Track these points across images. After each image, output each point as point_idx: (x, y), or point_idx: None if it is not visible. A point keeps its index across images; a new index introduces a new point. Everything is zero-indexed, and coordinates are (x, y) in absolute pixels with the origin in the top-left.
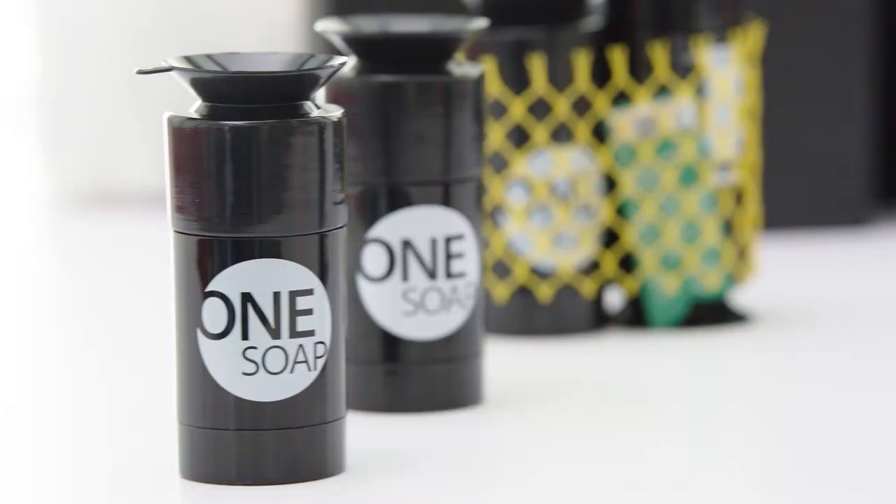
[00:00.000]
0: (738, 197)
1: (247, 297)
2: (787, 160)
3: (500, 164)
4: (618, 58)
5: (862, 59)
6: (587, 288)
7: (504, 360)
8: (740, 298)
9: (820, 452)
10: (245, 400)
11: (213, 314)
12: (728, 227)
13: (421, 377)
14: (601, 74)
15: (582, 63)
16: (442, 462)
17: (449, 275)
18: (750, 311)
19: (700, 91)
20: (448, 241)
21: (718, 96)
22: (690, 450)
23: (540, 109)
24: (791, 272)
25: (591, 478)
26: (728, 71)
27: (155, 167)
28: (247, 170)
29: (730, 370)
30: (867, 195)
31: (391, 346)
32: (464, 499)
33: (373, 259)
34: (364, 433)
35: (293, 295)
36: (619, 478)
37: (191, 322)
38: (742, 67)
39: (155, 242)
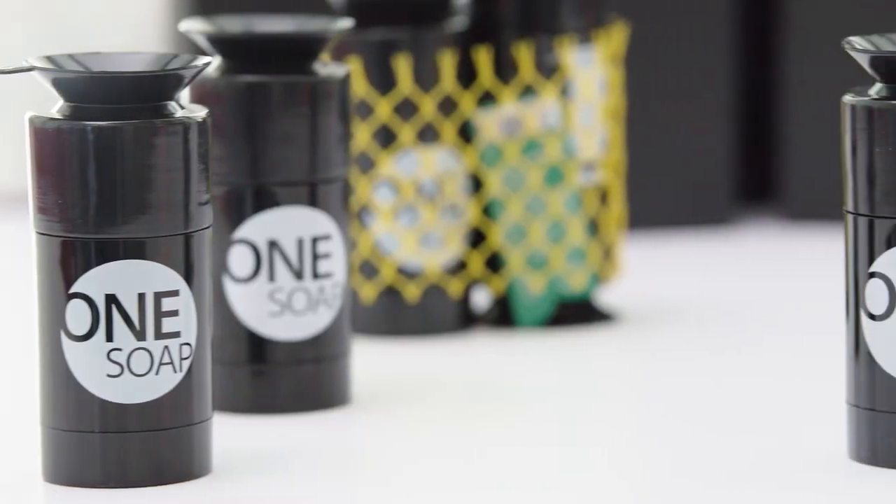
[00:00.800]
0: (603, 197)
1: (111, 299)
2: (651, 160)
3: (367, 165)
4: (483, 58)
5: (724, 59)
6: (454, 288)
7: (371, 360)
8: (606, 298)
9: (687, 448)
10: (109, 402)
11: (77, 316)
12: (593, 227)
13: (288, 378)
14: (467, 75)
15: (448, 63)
16: (309, 463)
17: (316, 275)
18: (615, 311)
19: (565, 91)
20: (315, 241)
21: (583, 97)
22: (558, 449)
23: (406, 110)
24: (655, 272)
25: (459, 477)
26: (592, 71)
27: (17, 168)
28: (110, 170)
29: (596, 369)
30: (730, 195)
31: (258, 346)
32: (331, 499)
33: (239, 260)
34: (231, 434)
35: (158, 296)
36: (486, 477)
37: (54, 324)
38: (606, 68)
39: (16, 244)
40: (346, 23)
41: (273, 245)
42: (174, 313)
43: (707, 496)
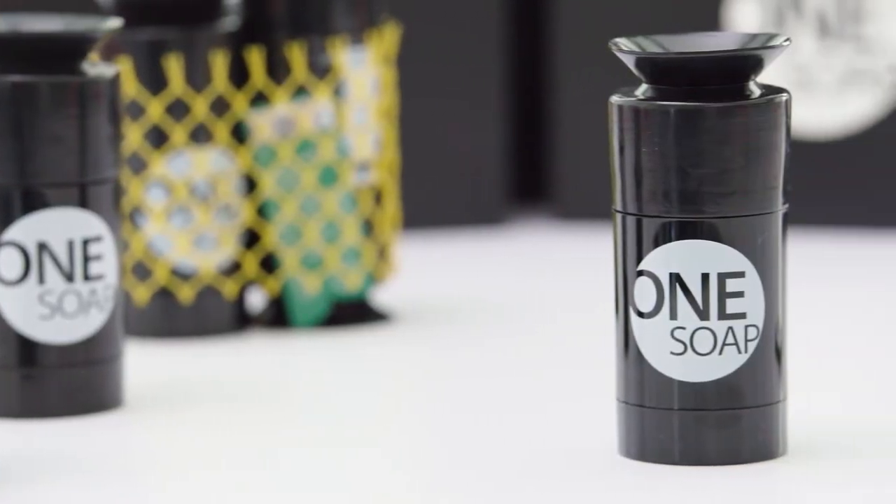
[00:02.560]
0: (378, 197)
1: None
2: (425, 160)
3: (139, 165)
4: (255, 59)
5: (496, 60)
6: (229, 289)
7: (145, 363)
8: (381, 297)
9: (462, 446)
10: None
11: None
12: (368, 227)
13: (59, 381)
14: (239, 75)
15: (219, 63)
16: (81, 467)
17: (87, 277)
18: (390, 310)
19: (338, 92)
20: (85, 243)
21: (356, 97)
22: (337, 449)
23: (178, 110)
24: (430, 271)
25: (238, 480)
26: (365, 72)
27: None
28: None
29: (372, 368)
30: (502, 195)
31: (28, 350)
32: None
33: (7, 262)
34: (0, 440)
35: None
36: (266, 480)
37: None
38: (378, 68)
39: None
40: (115, 22)
41: (42, 247)
42: None
43: (481, 493)
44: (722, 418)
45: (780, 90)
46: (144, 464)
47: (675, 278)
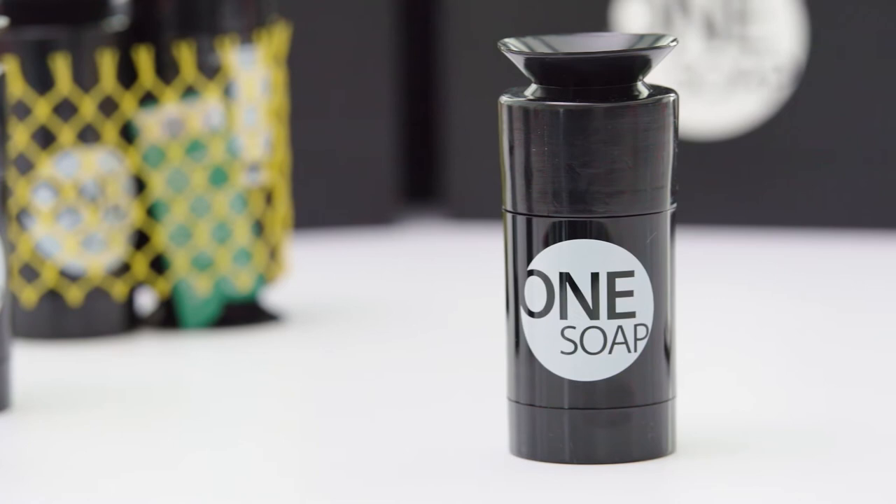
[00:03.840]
0: (268, 197)
1: None
2: (316, 161)
3: (26, 166)
4: (144, 58)
5: (387, 60)
6: (118, 290)
7: (33, 365)
8: (272, 298)
9: (354, 446)
10: None
11: None
12: (258, 228)
13: None
14: (127, 75)
15: (107, 63)
16: None
17: None
18: (281, 311)
19: (227, 92)
20: None
21: (246, 97)
22: (229, 451)
23: (65, 110)
24: (321, 271)
25: (128, 485)
26: (255, 72)
27: None
28: None
29: (263, 369)
30: (394, 195)
31: None
32: None
33: None
34: None
35: None
36: (157, 484)
37: None
38: (268, 68)
39: None
40: (0, 21)
41: None
42: None
43: (369, 494)
44: (612, 417)
45: (668, 90)
46: (32, 467)
47: (565, 278)
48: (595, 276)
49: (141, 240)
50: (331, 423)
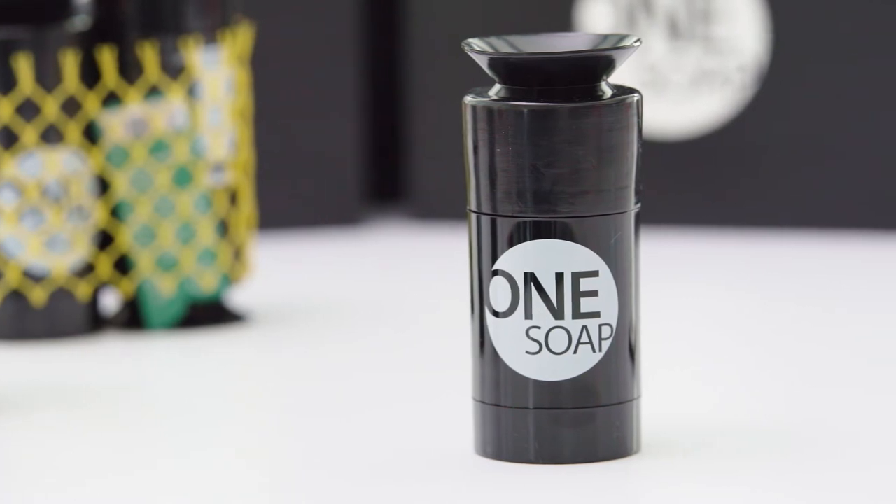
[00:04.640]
0: (233, 197)
1: None
2: (281, 161)
3: None
4: (107, 58)
5: (351, 60)
6: (82, 290)
7: None
8: (236, 298)
9: (320, 446)
10: None
11: None
12: (223, 228)
13: None
14: (91, 75)
15: (70, 63)
16: None
17: None
18: (247, 311)
19: (192, 92)
20: None
21: (210, 97)
22: (195, 452)
23: (28, 110)
24: (286, 272)
25: (91, 484)
26: (219, 72)
27: None
28: None
29: (228, 370)
30: (359, 196)
31: None
32: None
33: None
34: None
35: None
36: (120, 484)
37: None
38: (232, 68)
39: None
40: None
41: None
42: None
43: (334, 493)
44: (577, 417)
45: (632, 90)
46: None
47: (530, 278)
48: (560, 276)
49: (105, 240)
50: (297, 423)
